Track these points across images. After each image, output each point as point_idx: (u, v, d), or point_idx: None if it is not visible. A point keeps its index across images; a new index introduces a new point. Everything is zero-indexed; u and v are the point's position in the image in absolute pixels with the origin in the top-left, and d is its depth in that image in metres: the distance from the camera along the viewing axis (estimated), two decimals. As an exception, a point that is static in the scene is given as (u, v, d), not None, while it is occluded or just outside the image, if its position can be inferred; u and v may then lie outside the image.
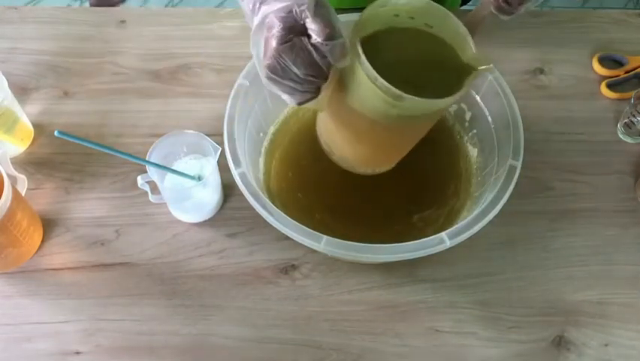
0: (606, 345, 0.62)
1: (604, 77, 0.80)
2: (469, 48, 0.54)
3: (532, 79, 0.80)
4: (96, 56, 0.81)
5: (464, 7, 1.00)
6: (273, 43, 0.46)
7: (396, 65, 0.52)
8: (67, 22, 0.84)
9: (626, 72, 0.80)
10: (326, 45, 0.46)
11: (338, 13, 0.49)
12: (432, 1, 0.55)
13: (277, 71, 0.47)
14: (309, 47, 0.46)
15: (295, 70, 0.47)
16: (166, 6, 1.96)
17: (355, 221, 0.65)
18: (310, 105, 0.52)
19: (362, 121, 0.54)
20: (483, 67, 0.54)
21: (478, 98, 0.66)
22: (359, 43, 0.49)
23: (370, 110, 0.52)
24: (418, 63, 0.56)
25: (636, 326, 0.63)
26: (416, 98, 0.49)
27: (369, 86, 0.50)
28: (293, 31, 0.46)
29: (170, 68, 0.80)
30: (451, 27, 0.55)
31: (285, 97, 0.51)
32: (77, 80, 0.79)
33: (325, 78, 0.49)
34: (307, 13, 0.46)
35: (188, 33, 0.83)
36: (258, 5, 0.48)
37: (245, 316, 0.63)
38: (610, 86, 0.79)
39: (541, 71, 0.81)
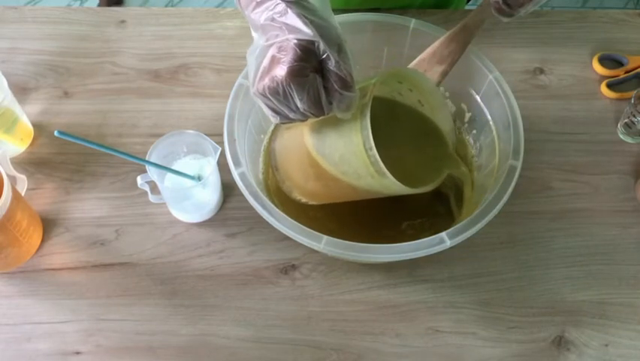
0: (606, 345, 0.62)
1: (604, 77, 0.80)
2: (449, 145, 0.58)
3: (532, 79, 0.80)
4: (96, 56, 0.81)
5: (465, 7, 1.00)
6: (284, 69, 0.45)
7: (383, 134, 0.52)
8: (68, 22, 0.84)
9: (626, 72, 0.80)
10: (340, 94, 0.46)
11: (341, 14, 0.49)
12: (438, 88, 0.58)
13: (277, 96, 0.46)
14: (321, 88, 0.46)
15: (298, 103, 0.46)
16: (166, 6, 1.96)
17: (348, 220, 0.64)
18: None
19: (328, 170, 0.54)
20: (460, 169, 0.59)
21: (478, 98, 0.66)
22: (369, 105, 0.49)
23: (346, 168, 0.52)
24: (405, 138, 0.58)
25: (636, 326, 0.63)
26: (396, 181, 0.50)
27: (358, 150, 0.50)
28: (308, 63, 0.45)
29: (170, 68, 0.80)
30: (441, 117, 0.58)
31: (268, 112, 0.50)
32: (77, 80, 0.79)
33: (319, 116, 0.48)
34: (332, 55, 0.45)
35: (188, 33, 0.83)
36: (279, 25, 0.46)
37: (245, 316, 0.63)
38: (610, 86, 0.79)
39: (541, 71, 0.81)
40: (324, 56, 0.45)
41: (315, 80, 0.45)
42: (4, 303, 0.63)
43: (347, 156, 0.52)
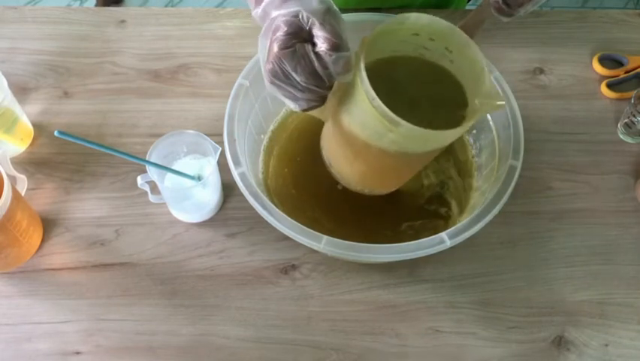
0: (606, 345, 0.62)
1: (604, 77, 0.80)
2: (483, 81, 0.52)
3: (532, 79, 0.80)
4: (96, 56, 0.81)
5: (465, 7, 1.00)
6: (275, 47, 0.45)
7: (404, 94, 0.50)
8: (68, 22, 0.84)
9: (626, 72, 0.80)
10: (330, 55, 0.45)
11: (342, 13, 0.49)
12: (456, 27, 0.54)
13: (278, 76, 0.47)
14: (312, 55, 0.46)
15: (296, 77, 0.46)
16: (166, 6, 1.96)
17: (348, 220, 0.64)
18: (315, 114, 0.52)
19: (357, 140, 0.53)
20: (498, 102, 0.51)
21: (478, 98, 0.66)
22: (363, 58, 0.48)
23: (368, 131, 0.52)
24: (426, 97, 0.55)
25: (636, 326, 0.63)
26: (412, 125, 0.47)
27: (367, 106, 0.49)
28: (297, 36, 0.45)
29: (170, 68, 0.80)
30: (470, 55, 0.54)
31: (288, 102, 0.50)
32: (77, 80, 0.79)
33: (328, 88, 0.48)
34: (315, 19, 0.45)
35: (188, 33, 0.83)
36: (268, 8, 0.48)
37: (245, 316, 0.63)
38: (610, 86, 0.79)
39: (541, 71, 0.81)
40: (309, 23, 0.45)
41: (303, 49, 0.45)
42: (4, 303, 0.63)
43: (362, 117, 0.51)
